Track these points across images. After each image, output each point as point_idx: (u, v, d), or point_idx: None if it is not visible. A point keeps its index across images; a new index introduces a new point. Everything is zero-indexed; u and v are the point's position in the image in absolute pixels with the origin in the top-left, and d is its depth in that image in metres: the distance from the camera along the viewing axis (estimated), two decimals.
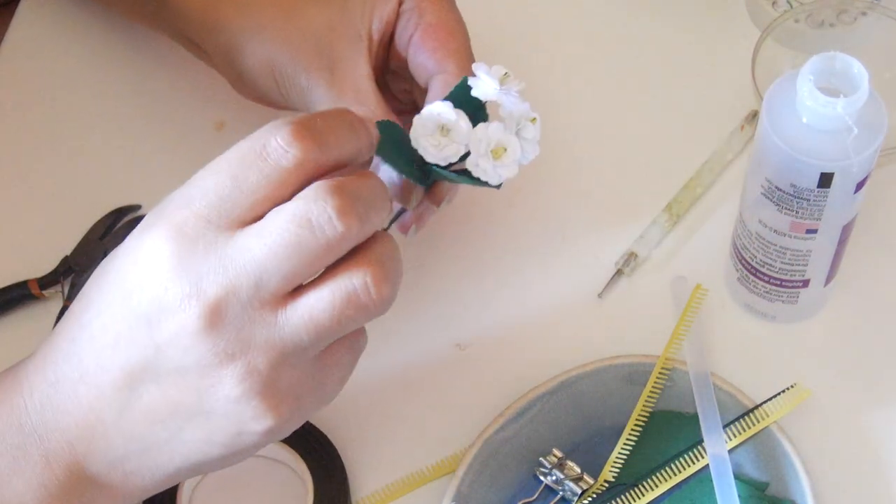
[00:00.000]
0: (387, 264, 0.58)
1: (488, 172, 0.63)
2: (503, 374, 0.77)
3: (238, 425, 0.58)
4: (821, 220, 0.70)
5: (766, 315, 0.78)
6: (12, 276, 0.81)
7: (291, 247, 0.56)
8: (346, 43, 0.73)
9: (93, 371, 0.58)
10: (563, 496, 0.73)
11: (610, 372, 0.76)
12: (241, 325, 0.56)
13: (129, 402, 0.58)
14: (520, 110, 0.64)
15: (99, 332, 0.58)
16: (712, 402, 0.74)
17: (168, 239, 0.56)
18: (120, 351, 0.58)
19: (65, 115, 0.88)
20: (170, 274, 0.56)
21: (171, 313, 0.56)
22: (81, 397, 0.59)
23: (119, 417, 0.59)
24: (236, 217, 0.57)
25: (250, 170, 0.57)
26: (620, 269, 0.80)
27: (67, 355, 0.59)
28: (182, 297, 0.56)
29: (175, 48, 0.90)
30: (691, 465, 0.73)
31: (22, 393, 0.60)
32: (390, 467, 0.74)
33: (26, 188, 0.85)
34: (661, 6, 0.92)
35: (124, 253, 0.58)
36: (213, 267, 0.56)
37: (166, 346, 0.57)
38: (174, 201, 0.58)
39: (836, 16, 0.87)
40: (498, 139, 0.63)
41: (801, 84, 0.66)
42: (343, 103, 0.72)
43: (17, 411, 0.60)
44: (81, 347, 0.59)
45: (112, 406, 0.58)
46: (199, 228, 0.56)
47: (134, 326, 0.57)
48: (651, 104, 0.88)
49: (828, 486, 0.73)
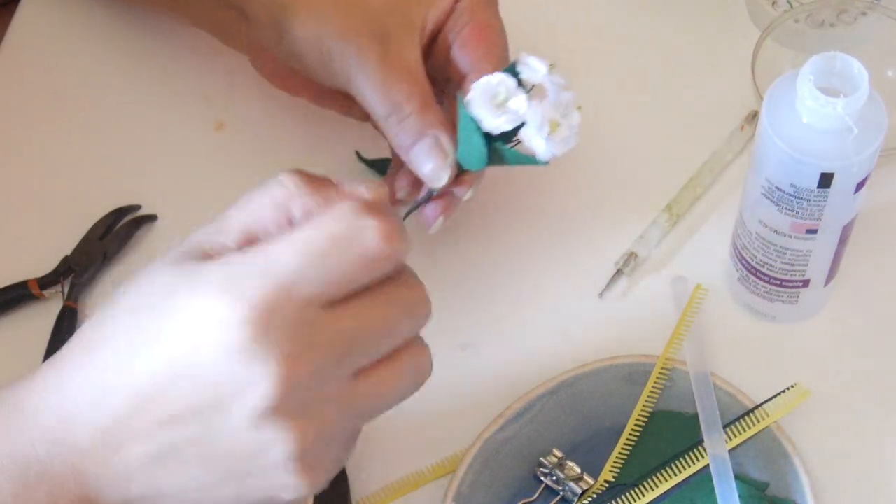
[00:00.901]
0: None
1: (543, 146, 0.66)
2: (503, 374, 0.77)
3: (274, 492, 0.57)
4: (821, 221, 0.70)
5: (766, 315, 0.78)
6: (12, 276, 0.81)
7: (384, 328, 0.58)
8: (401, 27, 0.73)
9: (125, 417, 0.56)
10: (563, 496, 0.73)
11: (610, 372, 0.76)
12: (316, 403, 0.56)
13: (162, 454, 0.57)
14: (566, 97, 0.67)
15: (142, 384, 0.56)
16: (712, 402, 0.74)
17: (249, 317, 0.55)
18: (167, 410, 0.56)
19: (65, 115, 0.88)
20: (249, 354, 0.55)
21: (246, 395, 0.55)
22: (106, 437, 0.57)
23: (147, 464, 0.57)
24: (326, 300, 0.56)
25: (344, 257, 0.57)
26: (620, 269, 0.80)
27: (96, 401, 0.57)
28: (264, 379, 0.55)
29: (175, 48, 0.90)
30: (691, 466, 0.73)
31: (26, 419, 0.57)
32: (390, 467, 0.74)
33: (26, 188, 0.85)
34: (661, 6, 0.92)
35: (173, 313, 0.56)
36: (298, 348, 0.55)
37: (230, 425, 0.55)
38: (235, 266, 0.56)
39: (836, 16, 0.87)
40: (553, 115, 0.66)
41: (802, 84, 0.66)
42: (393, 81, 0.72)
43: (22, 444, 0.57)
44: (115, 396, 0.56)
45: (140, 453, 0.57)
46: (287, 307, 0.55)
47: (198, 396, 0.55)
48: (651, 104, 0.88)
49: (828, 486, 0.73)
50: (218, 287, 0.55)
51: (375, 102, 0.72)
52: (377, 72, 0.72)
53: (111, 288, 0.81)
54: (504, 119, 0.66)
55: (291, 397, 0.55)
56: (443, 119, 0.72)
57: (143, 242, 0.83)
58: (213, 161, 0.86)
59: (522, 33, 0.91)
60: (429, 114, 0.72)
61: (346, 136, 0.85)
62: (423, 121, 0.71)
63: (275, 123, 0.87)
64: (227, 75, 0.88)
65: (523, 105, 0.66)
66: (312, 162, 0.85)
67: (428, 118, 0.71)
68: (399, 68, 0.72)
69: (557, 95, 0.67)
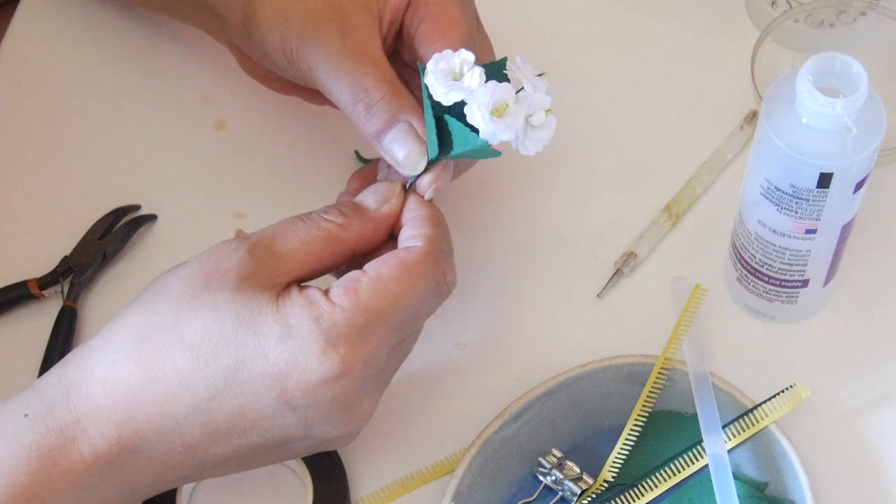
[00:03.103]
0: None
1: (483, 123, 0.64)
2: (503, 374, 0.77)
3: (324, 445, 0.66)
4: (820, 221, 0.71)
5: (765, 315, 0.78)
6: (12, 276, 0.81)
7: (429, 314, 0.68)
8: (360, 17, 0.73)
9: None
10: (562, 496, 0.73)
11: (609, 372, 0.76)
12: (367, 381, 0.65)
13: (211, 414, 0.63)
14: (540, 98, 0.66)
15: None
16: (712, 402, 0.74)
17: (340, 371, 0.63)
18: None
19: (65, 115, 0.88)
20: (344, 389, 0.63)
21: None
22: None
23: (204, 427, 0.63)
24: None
25: (430, 301, 0.66)
26: (620, 268, 0.80)
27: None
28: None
29: (175, 48, 0.90)
30: (691, 466, 0.73)
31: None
32: (390, 467, 0.74)
33: (26, 188, 0.85)
34: (660, 6, 0.92)
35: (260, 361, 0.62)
36: (361, 352, 0.63)
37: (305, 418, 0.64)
38: (335, 324, 0.62)
39: (836, 16, 0.87)
40: (503, 97, 0.64)
41: (801, 84, 0.66)
42: (358, 67, 0.70)
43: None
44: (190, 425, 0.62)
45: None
46: (376, 356, 0.64)
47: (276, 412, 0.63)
48: (650, 104, 0.88)
49: (827, 486, 0.73)
50: (319, 343, 0.62)
51: (341, 91, 0.71)
52: (340, 59, 0.71)
53: (111, 288, 0.81)
54: (455, 93, 0.64)
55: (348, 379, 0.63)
56: (415, 104, 0.70)
57: (142, 242, 0.83)
58: (213, 161, 0.86)
59: (521, 33, 0.91)
60: (400, 98, 0.70)
61: (346, 136, 0.85)
62: (393, 106, 0.70)
63: (275, 123, 0.87)
64: (227, 75, 0.88)
65: (476, 80, 0.64)
66: (312, 162, 0.85)
67: (398, 102, 0.70)
68: (362, 56, 0.71)
69: (532, 92, 0.65)
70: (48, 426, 0.60)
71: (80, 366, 0.62)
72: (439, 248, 0.66)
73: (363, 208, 0.67)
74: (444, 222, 0.68)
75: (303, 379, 0.61)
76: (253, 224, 0.83)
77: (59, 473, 0.60)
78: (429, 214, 0.67)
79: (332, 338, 0.61)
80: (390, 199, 0.68)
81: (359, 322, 0.62)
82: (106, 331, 0.63)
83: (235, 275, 0.63)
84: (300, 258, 0.64)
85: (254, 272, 0.63)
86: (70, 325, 0.79)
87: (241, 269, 0.63)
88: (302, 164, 0.85)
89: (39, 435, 0.60)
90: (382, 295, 0.63)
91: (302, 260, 0.64)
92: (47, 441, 0.60)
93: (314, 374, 0.61)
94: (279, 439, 0.63)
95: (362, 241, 0.67)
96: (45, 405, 0.61)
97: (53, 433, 0.60)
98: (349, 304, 0.62)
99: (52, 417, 0.60)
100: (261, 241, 0.65)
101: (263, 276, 0.63)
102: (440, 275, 0.65)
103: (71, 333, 0.78)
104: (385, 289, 0.63)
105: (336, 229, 0.66)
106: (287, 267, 0.64)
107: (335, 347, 0.61)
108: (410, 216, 0.67)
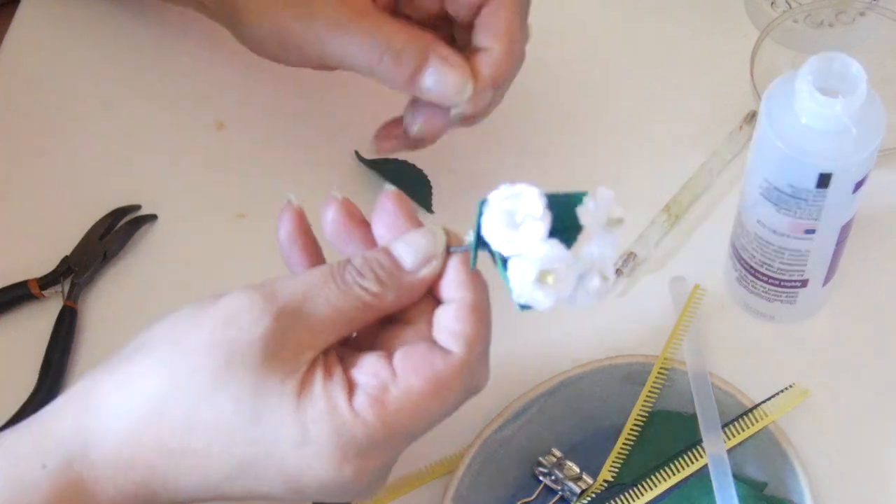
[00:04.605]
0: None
1: (519, 287, 0.57)
2: (502, 373, 0.77)
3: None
4: (819, 221, 0.71)
5: (764, 315, 0.78)
6: (12, 276, 0.81)
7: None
8: None
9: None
10: (562, 496, 0.73)
11: (609, 372, 0.76)
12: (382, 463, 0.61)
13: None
14: (602, 260, 0.58)
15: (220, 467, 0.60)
16: (711, 401, 0.74)
17: (354, 475, 0.60)
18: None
19: (64, 115, 0.88)
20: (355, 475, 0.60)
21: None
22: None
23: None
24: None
25: (457, 406, 0.62)
26: (619, 269, 0.80)
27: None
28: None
29: (174, 47, 0.90)
30: (690, 465, 0.73)
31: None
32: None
33: (26, 188, 0.85)
34: (660, 6, 0.92)
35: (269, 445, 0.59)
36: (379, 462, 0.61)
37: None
38: (351, 429, 0.59)
39: (835, 16, 0.87)
40: (555, 267, 0.57)
41: (800, 84, 0.66)
42: (361, 26, 0.70)
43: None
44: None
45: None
46: (400, 453, 0.62)
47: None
48: (650, 104, 0.88)
49: (826, 486, 0.73)
50: (336, 457, 0.59)
51: (361, 52, 0.69)
52: (346, 23, 0.69)
53: (111, 288, 0.81)
54: (507, 240, 0.57)
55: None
56: (435, 39, 0.69)
57: (143, 242, 0.83)
58: (213, 161, 0.86)
59: None
60: (421, 39, 0.69)
61: (346, 136, 0.85)
62: (419, 47, 0.68)
63: (275, 123, 0.87)
64: (227, 75, 0.89)
65: (532, 237, 0.56)
66: (312, 162, 0.85)
67: (422, 43, 0.68)
68: (363, 13, 0.70)
69: (596, 253, 0.57)
70: (71, 479, 0.59)
71: (96, 419, 0.60)
72: (478, 354, 0.61)
73: (400, 271, 0.61)
74: (489, 313, 0.62)
75: (315, 481, 0.59)
76: (253, 224, 0.83)
77: None
78: (473, 304, 0.61)
79: (351, 453, 0.59)
80: (431, 260, 0.61)
81: (379, 438, 0.59)
82: (123, 377, 0.60)
83: (260, 350, 0.58)
84: (330, 328, 0.60)
85: (279, 348, 0.59)
86: (70, 325, 0.79)
87: (266, 345, 0.58)
88: (302, 164, 0.85)
89: (60, 488, 0.59)
90: (409, 413, 0.59)
91: (331, 330, 0.60)
92: (67, 493, 0.59)
93: (327, 480, 0.59)
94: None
95: (398, 307, 0.62)
96: (64, 457, 0.59)
97: (76, 486, 0.59)
98: (373, 419, 0.58)
99: (73, 471, 0.59)
100: (288, 306, 0.59)
101: (289, 354, 0.59)
102: (473, 383, 0.62)
103: (71, 333, 0.78)
104: (414, 406, 0.59)
105: (371, 299, 0.60)
106: (315, 341, 0.60)
107: (352, 461, 0.59)
108: (453, 294, 0.62)
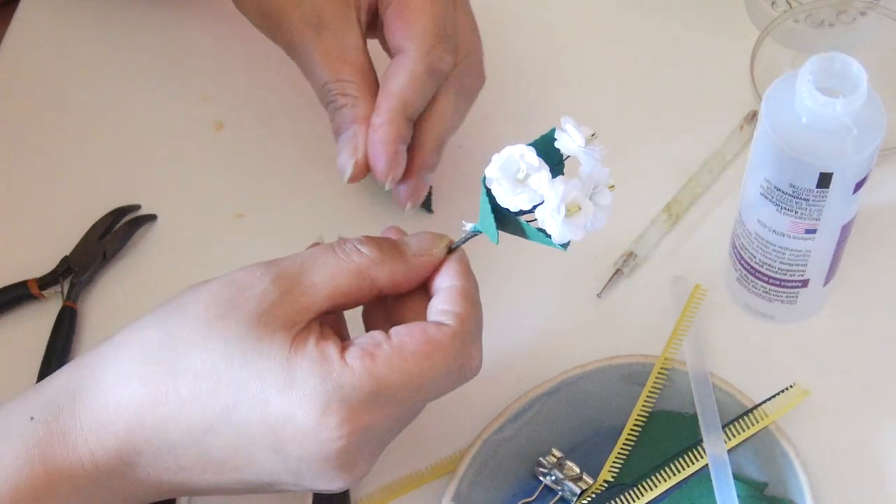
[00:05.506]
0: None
1: (557, 229, 0.61)
2: (503, 374, 0.77)
3: (317, 486, 0.64)
4: (820, 220, 0.71)
5: (765, 315, 0.78)
6: (12, 276, 0.81)
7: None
8: (336, 12, 0.74)
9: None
10: (562, 496, 0.73)
11: (609, 372, 0.76)
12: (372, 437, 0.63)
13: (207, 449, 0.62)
14: (599, 174, 0.62)
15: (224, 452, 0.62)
16: (711, 402, 0.74)
17: (346, 443, 0.61)
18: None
19: (64, 115, 0.88)
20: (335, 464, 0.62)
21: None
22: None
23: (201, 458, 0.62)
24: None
25: (447, 383, 0.64)
26: (619, 269, 0.80)
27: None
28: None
29: (175, 47, 0.90)
30: (690, 466, 0.73)
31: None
32: (390, 467, 0.74)
33: (26, 188, 0.85)
34: (660, 6, 0.92)
35: (259, 409, 0.61)
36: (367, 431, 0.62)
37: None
38: (342, 387, 0.60)
39: (836, 16, 0.87)
40: (574, 197, 0.61)
41: (801, 84, 0.66)
42: (327, 70, 0.74)
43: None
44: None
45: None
46: (383, 425, 0.63)
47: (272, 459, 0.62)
48: (650, 104, 0.88)
49: (826, 486, 0.73)
50: (320, 403, 0.60)
51: (314, 88, 0.76)
52: (312, 61, 0.74)
53: (111, 288, 0.81)
54: (522, 198, 0.61)
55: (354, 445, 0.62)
56: (368, 114, 0.74)
57: (142, 242, 0.83)
58: (213, 161, 0.86)
59: (521, 32, 0.91)
60: (359, 107, 0.74)
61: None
62: (352, 113, 0.74)
63: (275, 123, 0.87)
64: (227, 75, 0.89)
65: (544, 184, 0.60)
66: (312, 162, 0.85)
67: (357, 112, 0.74)
68: (333, 55, 0.74)
69: (591, 170, 0.61)
70: (52, 431, 0.60)
71: (89, 373, 0.62)
72: (469, 331, 0.64)
73: (401, 249, 0.65)
74: (479, 302, 0.66)
75: (298, 433, 0.60)
76: (253, 224, 0.83)
77: (60, 478, 0.60)
78: (465, 289, 0.65)
79: (334, 400, 0.60)
80: (432, 250, 0.66)
81: (365, 389, 0.60)
82: (120, 339, 0.63)
83: (255, 306, 0.61)
84: (325, 293, 0.62)
85: (275, 306, 0.61)
86: (70, 326, 0.79)
87: (262, 301, 0.61)
88: (302, 164, 0.85)
89: (43, 439, 0.60)
90: (398, 369, 0.61)
91: (326, 295, 0.62)
92: (51, 445, 0.60)
93: (310, 431, 0.60)
94: (269, 482, 0.63)
95: (392, 283, 0.64)
96: (51, 410, 0.61)
97: (57, 438, 0.60)
98: (360, 369, 0.60)
99: (56, 423, 0.60)
100: (287, 270, 0.62)
101: (284, 312, 0.61)
102: (464, 359, 0.63)
103: (71, 333, 0.78)
104: (403, 364, 0.61)
105: (367, 264, 0.63)
106: (309, 302, 0.62)
107: (335, 410, 0.60)
108: (447, 283, 0.65)
